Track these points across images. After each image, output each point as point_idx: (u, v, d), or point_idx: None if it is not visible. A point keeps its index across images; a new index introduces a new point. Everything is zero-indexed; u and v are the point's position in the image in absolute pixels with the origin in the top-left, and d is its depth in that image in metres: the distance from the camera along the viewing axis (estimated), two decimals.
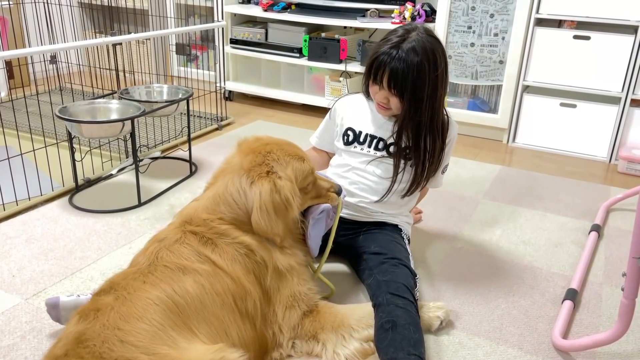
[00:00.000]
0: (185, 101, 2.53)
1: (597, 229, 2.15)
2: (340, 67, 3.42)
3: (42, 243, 1.97)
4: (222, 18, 3.65)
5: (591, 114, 2.99)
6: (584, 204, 2.45)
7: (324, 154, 1.98)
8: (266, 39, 3.69)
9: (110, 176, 2.54)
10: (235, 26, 3.78)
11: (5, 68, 3.65)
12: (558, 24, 3.04)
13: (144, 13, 4.07)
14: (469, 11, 3.11)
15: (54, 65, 3.22)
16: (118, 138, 2.79)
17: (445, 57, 1.66)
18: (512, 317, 1.65)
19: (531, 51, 3.03)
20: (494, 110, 3.24)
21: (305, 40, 3.50)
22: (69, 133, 2.26)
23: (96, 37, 4.07)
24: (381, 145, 1.76)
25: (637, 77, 2.85)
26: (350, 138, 1.81)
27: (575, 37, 2.93)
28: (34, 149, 2.36)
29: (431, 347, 1.49)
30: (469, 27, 3.13)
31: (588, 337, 1.46)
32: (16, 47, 3.66)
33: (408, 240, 1.82)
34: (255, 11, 3.63)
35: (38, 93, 3.05)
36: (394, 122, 1.74)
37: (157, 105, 2.47)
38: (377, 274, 1.58)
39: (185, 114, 2.59)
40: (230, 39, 3.75)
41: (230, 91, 3.92)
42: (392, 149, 1.74)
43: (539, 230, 2.20)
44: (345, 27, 3.65)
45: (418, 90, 1.61)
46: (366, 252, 1.71)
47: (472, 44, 3.15)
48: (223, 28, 3.66)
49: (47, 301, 1.50)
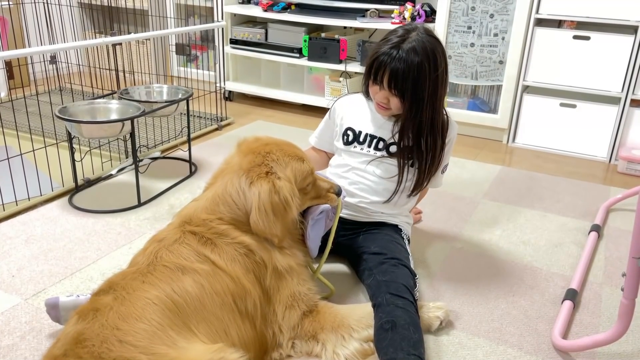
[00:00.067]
0: (185, 101, 2.53)
1: (597, 229, 2.15)
2: (340, 68, 3.42)
3: (42, 243, 1.97)
4: (222, 18, 3.64)
5: (591, 114, 2.99)
6: (584, 204, 2.45)
7: (323, 154, 1.98)
8: (266, 39, 3.69)
9: (110, 176, 2.54)
10: (235, 26, 3.78)
11: (5, 68, 3.65)
12: (558, 24, 3.04)
13: (144, 13, 4.07)
14: (469, 11, 3.11)
15: (54, 65, 3.22)
16: (118, 138, 2.80)
17: (445, 57, 1.66)
18: (512, 318, 1.65)
19: (531, 51, 3.03)
20: (494, 110, 3.24)
21: (305, 40, 3.50)
22: (69, 133, 2.26)
23: (96, 38, 4.07)
24: (381, 145, 1.76)
25: (637, 77, 2.85)
26: (350, 138, 1.80)
27: (575, 37, 2.93)
28: (34, 149, 2.36)
29: (431, 348, 1.49)
30: (469, 27, 3.13)
31: (588, 338, 1.46)
32: (16, 48, 3.66)
33: (408, 240, 1.82)
34: (255, 11, 3.63)
35: (38, 93, 3.05)
36: (394, 122, 1.74)
37: (157, 105, 2.47)
38: (377, 274, 1.57)
39: (185, 114, 2.59)
40: (230, 39, 3.75)
41: (230, 91, 3.92)
42: (392, 149, 1.74)
43: (539, 230, 2.20)
44: (345, 27, 3.65)
45: (419, 90, 1.62)
46: (366, 252, 1.71)
47: (472, 44, 3.15)
48: (223, 28, 3.66)
49: (47, 301, 1.50)
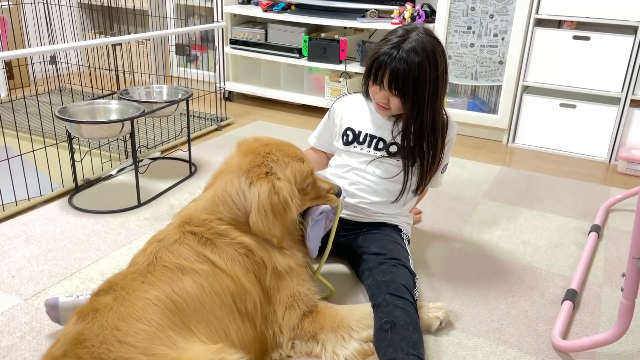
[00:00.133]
0: (184, 102, 2.53)
1: (597, 230, 2.15)
2: (340, 68, 3.42)
3: (42, 243, 1.97)
4: (222, 18, 3.65)
5: (591, 115, 2.99)
6: (584, 205, 2.45)
7: (323, 155, 1.98)
8: (266, 40, 3.69)
9: (109, 177, 2.54)
10: (235, 26, 3.78)
11: (5, 68, 3.65)
12: (558, 25, 3.04)
13: (144, 13, 4.07)
14: (469, 12, 3.11)
15: (54, 65, 3.22)
16: (118, 138, 2.80)
17: (445, 57, 1.66)
18: (512, 318, 1.65)
19: (531, 52, 3.03)
20: (494, 110, 3.24)
21: (305, 40, 3.50)
22: (69, 133, 2.26)
23: (96, 38, 4.07)
24: (381, 145, 1.76)
25: (637, 78, 2.85)
26: (349, 138, 1.80)
27: (574, 38, 2.93)
28: (34, 150, 2.36)
29: (431, 348, 1.49)
30: (469, 28, 3.13)
31: (588, 338, 1.46)
32: (16, 48, 3.66)
33: (408, 240, 1.82)
34: (255, 12, 3.63)
35: (38, 93, 3.05)
36: (394, 122, 1.74)
37: (157, 105, 2.46)
38: (377, 275, 1.57)
39: (185, 115, 2.59)
40: (230, 40, 3.75)
41: (230, 91, 3.92)
42: (392, 149, 1.74)
43: (539, 230, 2.20)
44: (345, 28, 3.65)
45: (419, 90, 1.62)
46: (366, 253, 1.71)
47: (472, 45, 3.15)
48: (223, 28, 3.66)
49: (46, 302, 1.50)
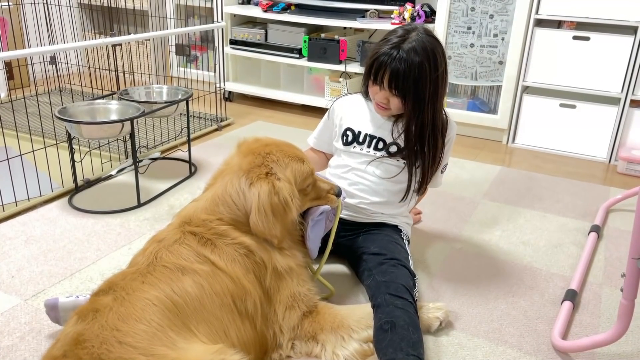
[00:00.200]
0: (184, 102, 2.53)
1: (597, 230, 2.15)
2: (340, 68, 3.42)
3: (42, 244, 1.97)
4: (222, 19, 3.65)
5: (591, 115, 2.99)
6: (584, 205, 2.45)
7: (322, 155, 1.98)
8: (266, 40, 3.69)
9: (109, 177, 2.54)
10: (235, 27, 3.78)
11: (5, 69, 3.65)
12: (557, 25, 3.04)
13: (144, 14, 4.08)
14: (469, 12, 3.11)
15: (54, 66, 3.22)
16: (118, 139, 2.80)
17: (445, 57, 1.66)
18: (512, 318, 1.65)
19: (531, 52, 3.03)
20: (494, 110, 3.24)
21: (305, 41, 3.50)
22: (69, 134, 2.26)
23: (96, 38, 4.07)
24: (381, 145, 1.76)
25: (637, 78, 2.85)
26: (349, 138, 1.80)
27: (574, 38, 2.93)
28: (34, 150, 2.36)
29: (430, 348, 1.49)
30: (469, 28, 3.13)
31: (587, 338, 1.46)
32: (16, 48, 3.66)
33: (407, 240, 1.82)
34: (255, 12, 3.63)
35: (38, 94, 3.06)
36: (393, 122, 1.74)
37: (157, 106, 2.46)
38: (377, 275, 1.57)
39: (184, 115, 2.59)
40: (230, 40, 3.76)
41: (230, 92, 3.92)
42: (392, 149, 1.74)
43: (539, 230, 2.20)
44: (344, 28, 3.65)
45: (420, 90, 1.62)
46: (366, 253, 1.71)
47: (472, 45, 3.15)
48: (223, 29, 3.66)
49: (46, 302, 1.50)
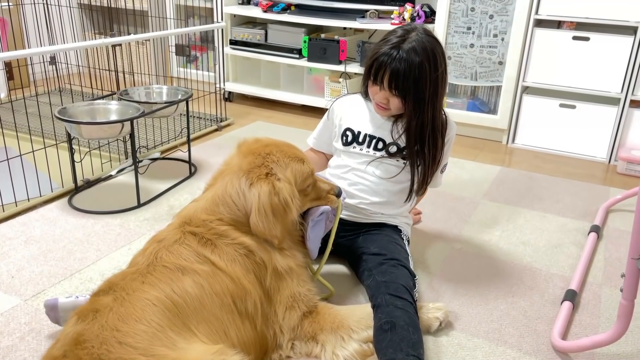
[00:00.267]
0: (184, 102, 2.52)
1: (597, 230, 2.15)
2: (339, 68, 3.42)
3: (41, 244, 1.97)
4: (222, 19, 3.64)
5: (591, 115, 2.99)
6: (584, 205, 2.45)
7: (322, 155, 1.98)
8: (266, 40, 3.69)
9: (109, 177, 2.54)
10: (234, 27, 3.78)
11: (5, 69, 3.65)
12: (557, 25, 3.04)
13: (144, 14, 4.08)
14: (469, 12, 3.11)
15: (54, 66, 3.22)
16: (117, 139, 2.80)
17: (445, 57, 1.66)
18: (512, 318, 1.65)
19: (530, 52, 3.03)
20: (494, 111, 3.24)
21: (304, 41, 3.50)
22: (69, 134, 2.26)
23: (96, 39, 4.07)
24: (380, 145, 1.76)
25: (637, 78, 2.85)
26: (349, 138, 1.80)
27: (574, 38, 2.93)
28: (33, 150, 2.35)
29: (430, 348, 1.49)
30: (469, 28, 3.13)
31: (587, 338, 1.46)
32: (16, 49, 3.66)
33: (407, 241, 1.82)
34: (254, 12, 3.63)
35: (37, 94, 3.06)
36: (393, 122, 1.74)
37: (157, 106, 2.46)
38: (377, 275, 1.57)
39: (184, 115, 2.59)
40: (229, 40, 3.76)
41: (229, 92, 3.92)
42: (392, 149, 1.74)
43: (539, 231, 2.20)
44: (344, 28, 3.65)
45: (420, 90, 1.62)
46: (366, 253, 1.71)
47: (472, 45, 3.15)
48: (223, 29, 3.66)
49: (46, 302, 1.50)
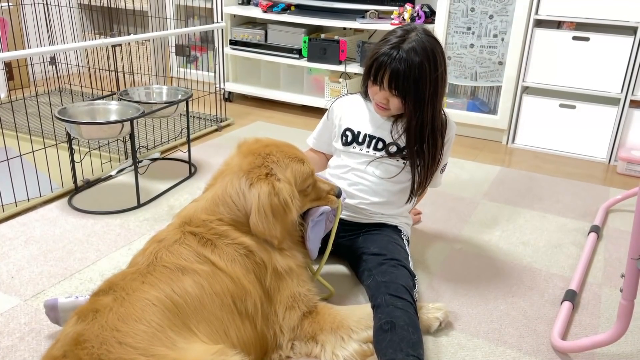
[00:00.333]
0: (184, 102, 2.53)
1: (597, 230, 2.15)
2: (339, 68, 3.42)
3: (41, 244, 1.97)
4: (222, 19, 3.65)
5: (590, 115, 2.99)
6: (584, 205, 2.45)
7: (322, 156, 1.98)
8: (266, 40, 3.69)
9: (109, 177, 2.54)
10: (234, 27, 3.78)
11: (5, 69, 3.66)
12: (557, 25, 3.04)
13: (144, 14, 4.08)
14: (468, 12, 3.11)
15: (54, 66, 3.22)
16: (117, 139, 2.80)
17: (444, 57, 1.67)
18: (511, 318, 1.65)
19: (530, 52, 3.03)
20: (494, 111, 3.24)
21: (304, 41, 3.50)
22: (69, 134, 2.26)
23: (96, 39, 4.07)
24: (380, 145, 1.76)
25: (637, 78, 2.85)
26: (349, 138, 1.80)
27: (574, 38, 2.94)
28: (33, 150, 2.35)
29: (430, 349, 1.49)
30: (468, 29, 3.13)
31: (587, 338, 1.46)
32: (16, 49, 3.66)
33: (407, 241, 1.82)
34: (254, 12, 3.63)
35: (37, 94, 3.06)
36: (393, 122, 1.74)
37: (157, 106, 2.46)
38: (377, 275, 1.57)
39: (184, 115, 2.59)
40: (229, 40, 3.76)
41: (229, 92, 3.92)
42: (392, 149, 1.74)
43: (538, 231, 2.20)
44: (344, 29, 3.65)
45: (420, 90, 1.62)
46: (365, 253, 1.71)
47: (472, 45, 3.15)
48: (223, 29, 3.66)
49: (46, 303, 1.50)
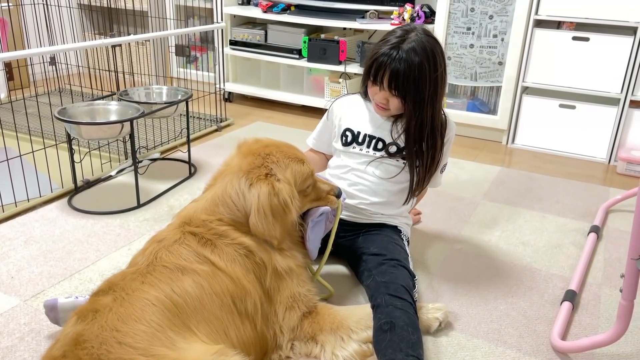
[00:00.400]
0: (184, 102, 2.53)
1: (596, 230, 2.15)
2: (339, 69, 3.42)
3: (41, 244, 1.97)
4: (222, 19, 3.64)
5: (590, 115, 2.99)
6: (583, 205, 2.45)
7: (322, 156, 1.98)
8: (266, 41, 3.69)
9: (109, 177, 2.54)
10: (234, 27, 3.78)
11: (5, 69, 3.66)
12: (557, 25, 3.04)
13: (144, 14, 4.08)
14: (468, 12, 3.11)
15: (54, 66, 3.22)
16: (117, 139, 2.80)
17: (444, 57, 1.67)
18: (511, 319, 1.65)
19: (530, 52, 3.04)
20: (494, 111, 3.24)
21: (304, 41, 3.50)
22: (68, 134, 2.26)
23: (96, 39, 4.07)
24: (380, 145, 1.76)
25: (636, 78, 2.85)
26: (349, 139, 1.80)
27: (574, 39, 2.94)
28: (33, 151, 2.35)
29: (430, 349, 1.49)
30: (468, 29, 3.13)
31: (587, 339, 1.46)
32: (16, 49, 3.66)
33: (407, 241, 1.82)
34: (254, 12, 3.63)
35: (37, 94, 3.06)
36: (392, 122, 1.74)
37: (157, 106, 2.46)
38: (376, 275, 1.57)
39: (184, 116, 2.59)
40: (229, 41, 3.76)
41: (229, 92, 3.92)
42: (392, 149, 1.74)
43: (538, 231, 2.20)
44: (344, 29, 3.65)
45: (420, 90, 1.62)
46: (365, 254, 1.71)
47: (472, 45, 3.15)
48: (222, 29, 3.66)
49: (45, 303, 1.50)
